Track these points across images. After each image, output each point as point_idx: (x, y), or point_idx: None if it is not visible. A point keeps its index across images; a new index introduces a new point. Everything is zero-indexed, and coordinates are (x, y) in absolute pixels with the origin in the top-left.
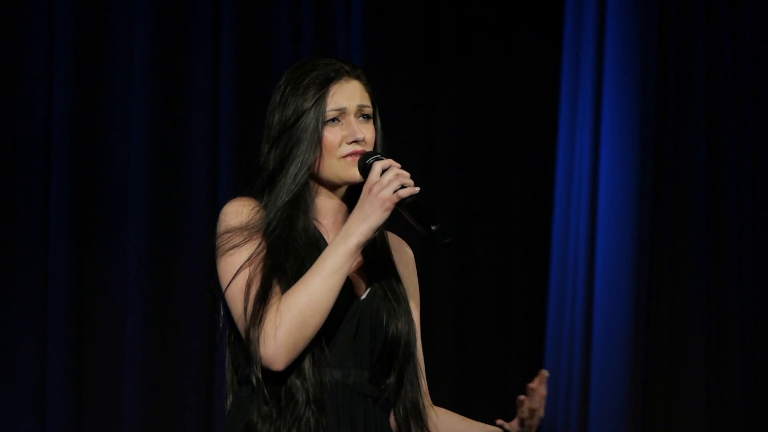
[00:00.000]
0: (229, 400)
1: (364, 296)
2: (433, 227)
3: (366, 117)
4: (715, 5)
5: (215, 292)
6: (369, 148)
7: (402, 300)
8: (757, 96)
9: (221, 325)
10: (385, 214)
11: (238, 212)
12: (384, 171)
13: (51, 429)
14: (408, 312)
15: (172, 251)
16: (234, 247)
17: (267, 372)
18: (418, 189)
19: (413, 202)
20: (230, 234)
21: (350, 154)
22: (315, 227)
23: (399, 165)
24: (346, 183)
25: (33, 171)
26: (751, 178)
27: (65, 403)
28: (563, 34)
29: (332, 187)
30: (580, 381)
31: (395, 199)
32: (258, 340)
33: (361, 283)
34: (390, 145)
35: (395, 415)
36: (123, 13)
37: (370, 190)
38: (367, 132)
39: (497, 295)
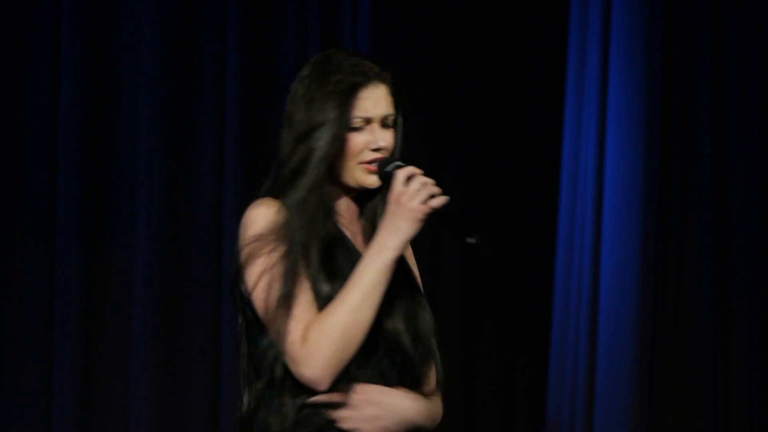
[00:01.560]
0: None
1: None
2: (471, 240)
3: (388, 125)
4: (720, 1)
5: (242, 301)
6: (387, 156)
7: (421, 291)
8: (763, 93)
9: (241, 328)
10: (417, 225)
11: (264, 218)
12: (408, 179)
13: (58, 426)
14: (427, 304)
15: (179, 249)
16: (263, 255)
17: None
18: (447, 198)
19: (445, 211)
20: (259, 241)
21: (370, 161)
22: (338, 227)
23: (421, 171)
24: (363, 189)
25: (41, 169)
26: (757, 176)
27: (73, 399)
28: (569, 30)
29: (347, 189)
30: (585, 380)
31: (426, 209)
32: (300, 361)
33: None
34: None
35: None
36: (130, 12)
37: (398, 200)
38: (389, 140)
39: (502, 294)
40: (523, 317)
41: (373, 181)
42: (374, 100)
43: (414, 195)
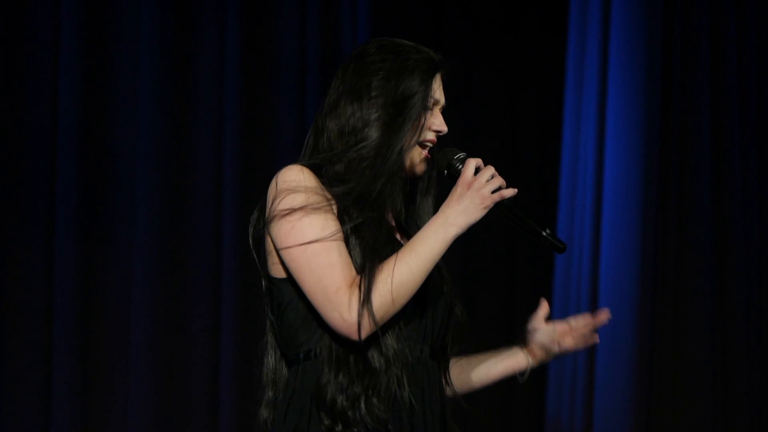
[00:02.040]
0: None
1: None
2: (544, 233)
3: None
4: (719, 1)
5: (267, 270)
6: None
7: (448, 274)
8: (761, 93)
9: (268, 306)
10: (483, 212)
11: (302, 177)
12: (478, 169)
13: (57, 425)
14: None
15: (178, 247)
16: (307, 207)
17: (339, 342)
18: (516, 191)
19: (514, 204)
20: (297, 194)
21: (429, 142)
22: (388, 219)
23: (492, 167)
24: (411, 172)
25: (40, 167)
26: (756, 175)
27: (72, 398)
28: (568, 27)
29: (398, 175)
30: (584, 377)
31: (496, 198)
32: (344, 306)
33: None
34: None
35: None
36: (129, 10)
37: (469, 185)
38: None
39: (501, 293)
40: (523, 315)
41: (422, 168)
42: (441, 86)
43: (485, 184)
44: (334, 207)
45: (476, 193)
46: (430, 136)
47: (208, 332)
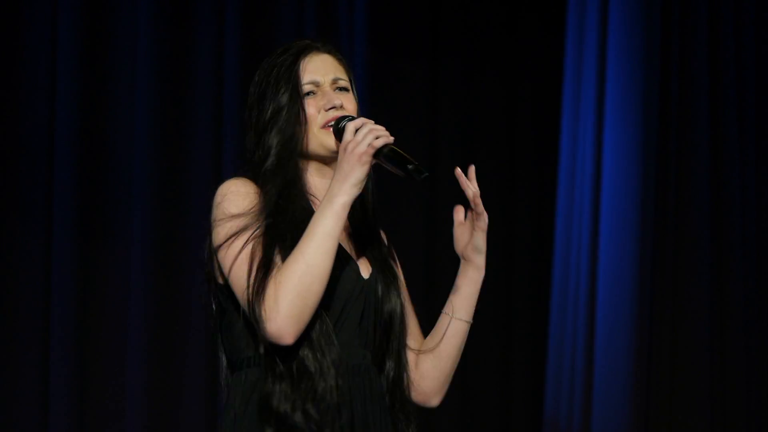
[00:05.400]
0: (226, 388)
1: (368, 276)
2: (409, 166)
3: (343, 89)
4: (717, 1)
5: (213, 276)
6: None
7: (395, 278)
8: (759, 94)
9: (214, 312)
10: (364, 168)
11: (236, 192)
12: (357, 129)
13: (54, 421)
14: (399, 289)
15: (175, 245)
16: (237, 229)
17: (275, 349)
18: (392, 138)
19: (390, 150)
20: (230, 216)
21: (330, 121)
22: (311, 205)
23: (372, 121)
24: (333, 152)
25: (37, 166)
26: (754, 177)
27: (69, 394)
28: (566, 29)
29: (324, 161)
30: (582, 377)
31: (371, 150)
32: (262, 315)
33: (363, 264)
34: (394, 139)
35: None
36: (126, 8)
37: (345, 148)
38: (346, 101)
39: (500, 292)
40: (521, 315)
41: (332, 144)
42: (318, 66)
43: (360, 140)
44: (260, 219)
45: (351, 154)
46: (326, 117)
47: (206, 333)
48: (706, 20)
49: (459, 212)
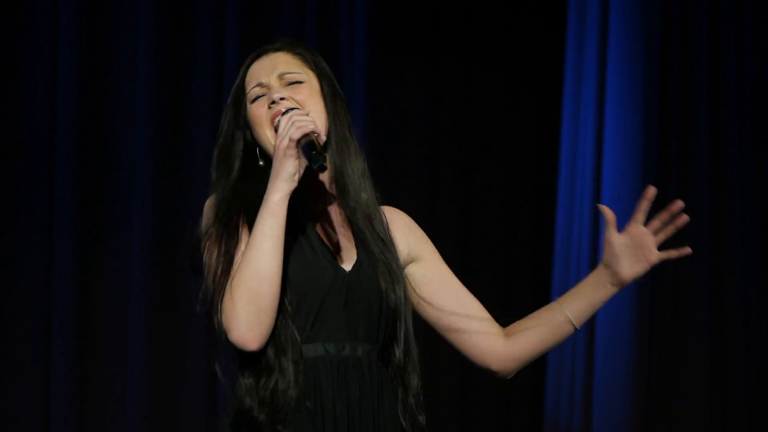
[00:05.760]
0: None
1: (349, 268)
2: (313, 152)
3: (294, 83)
4: (717, 2)
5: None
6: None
7: (395, 267)
8: (760, 91)
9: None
10: (289, 160)
11: (208, 212)
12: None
13: (55, 421)
14: (402, 278)
15: (175, 247)
16: (208, 244)
17: (249, 355)
18: (311, 127)
19: (309, 142)
20: (206, 233)
21: (273, 119)
22: (299, 211)
23: (300, 111)
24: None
25: (38, 166)
26: (754, 175)
27: (69, 394)
28: (567, 28)
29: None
30: (583, 376)
31: (292, 144)
32: (225, 326)
33: (347, 255)
34: (394, 139)
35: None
36: (126, 9)
37: (276, 147)
38: (294, 92)
39: (501, 291)
40: (522, 315)
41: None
42: (263, 68)
43: (284, 135)
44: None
45: (277, 149)
46: (270, 115)
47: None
48: (706, 20)
49: (608, 215)
